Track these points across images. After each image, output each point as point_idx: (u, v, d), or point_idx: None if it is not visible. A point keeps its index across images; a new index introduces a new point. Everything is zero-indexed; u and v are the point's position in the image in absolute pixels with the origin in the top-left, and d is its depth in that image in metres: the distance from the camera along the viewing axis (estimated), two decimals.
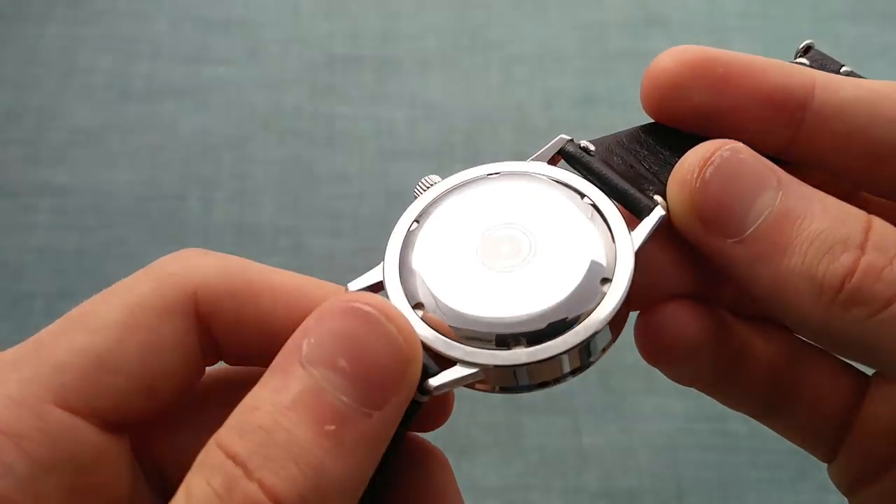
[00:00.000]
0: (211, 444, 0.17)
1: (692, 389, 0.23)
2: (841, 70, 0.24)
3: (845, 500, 0.23)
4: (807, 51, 0.24)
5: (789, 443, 0.24)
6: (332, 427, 0.17)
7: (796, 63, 0.24)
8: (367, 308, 0.18)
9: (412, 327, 0.18)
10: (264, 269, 0.21)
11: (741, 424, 0.43)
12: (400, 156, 0.53)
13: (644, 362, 0.22)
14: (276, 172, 0.52)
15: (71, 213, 0.51)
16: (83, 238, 0.50)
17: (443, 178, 0.22)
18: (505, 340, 0.19)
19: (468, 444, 0.43)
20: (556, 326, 0.19)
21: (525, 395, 0.45)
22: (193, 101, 0.55)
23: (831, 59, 0.24)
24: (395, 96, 0.55)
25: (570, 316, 0.19)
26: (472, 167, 0.22)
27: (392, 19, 0.59)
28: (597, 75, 0.57)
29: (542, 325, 0.19)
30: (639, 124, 0.23)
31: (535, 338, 0.19)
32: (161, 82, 0.55)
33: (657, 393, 0.44)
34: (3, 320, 0.47)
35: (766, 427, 0.24)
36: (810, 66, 0.24)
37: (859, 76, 0.23)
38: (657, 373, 0.47)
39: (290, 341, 0.18)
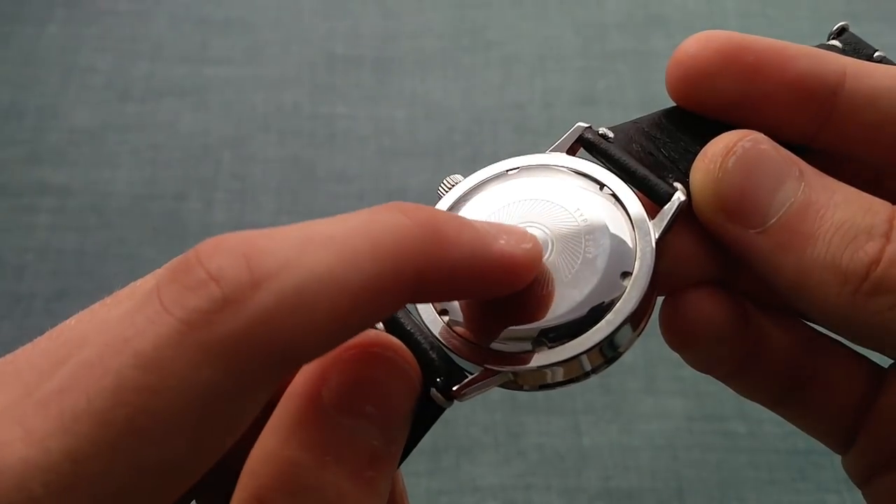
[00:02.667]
0: None
1: (692, 389, 0.23)
2: (874, 55, 0.23)
3: (845, 500, 0.23)
4: (840, 33, 0.24)
5: (789, 443, 0.24)
6: (371, 473, 0.17)
7: (829, 45, 0.24)
8: (388, 353, 0.18)
9: (412, 354, 0.19)
10: (339, 276, 0.17)
11: (741, 424, 0.43)
12: (400, 156, 0.53)
13: (644, 362, 0.22)
14: (276, 172, 0.52)
15: (71, 213, 0.51)
16: (83, 238, 0.50)
17: (465, 176, 0.22)
18: (528, 343, 0.19)
19: (468, 444, 0.43)
20: (578, 326, 0.19)
21: (525, 396, 0.45)
22: (193, 101, 0.55)
23: (865, 42, 0.24)
24: (395, 96, 0.55)
25: (591, 314, 0.19)
26: (493, 163, 0.22)
27: (392, 19, 0.59)
28: (597, 75, 0.57)
29: (563, 326, 0.19)
30: (661, 109, 0.23)
31: (556, 338, 0.19)
32: (161, 82, 0.55)
33: (657, 393, 0.44)
34: (3, 320, 0.47)
35: (765, 427, 0.24)
36: (843, 49, 0.23)
37: (892, 62, 0.23)
38: (657, 373, 0.48)
39: (301, 386, 0.18)
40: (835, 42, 0.24)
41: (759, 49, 0.21)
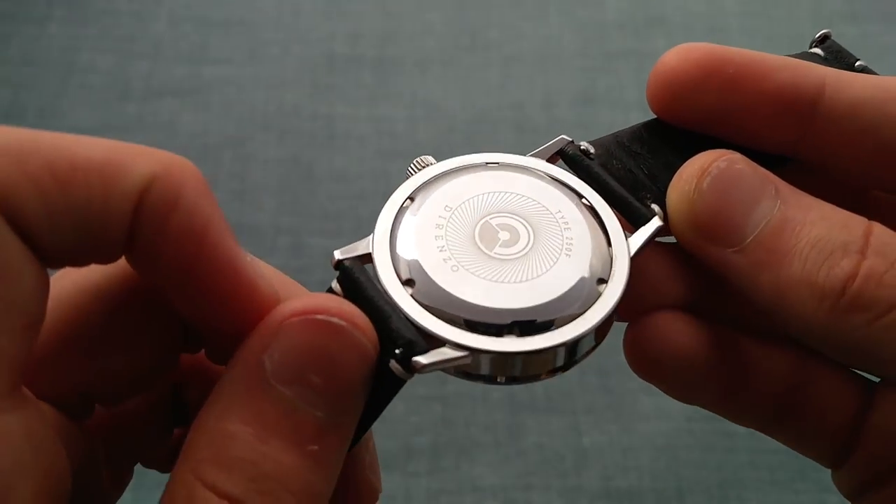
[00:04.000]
0: (196, 484, 0.16)
1: None
2: (856, 65, 0.23)
3: (845, 500, 0.23)
4: (823, 41, 0.24)
5: None
6: (315, 447, 0.17)
7: (811, 53, 0.24)
8: (336, 321, 0.17)
9: (369, 322, 0.18)
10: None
11: None
12: (400, 156, 0.53)
13: None
14: (275, 172, 0.52)
15: None
16: None
17: (438, 161, 0.22)
18: (498, 328, 0.19)
19: (468, 444, 0.43)
20: (552, 320, 0.19)
21: (525, 396, 0.45)
22: (193, 101, 0.55)
23: (847, 52, 0.24)
24: (395, 96, 0.55)
25: (567, 311, 0.19)
26: (468, 154, 0.22)
27: (392, 19, 0.59)
28: (597, 75, 0.57)
29: (538, 317, 0.19)
30: (641, 121, 0.23)
31: (528, 329, 0.19)
32: (161, 82, 0.55)
33: (657, 393, 0.44)
34: None
35: None
36: (824, 57, 0.24)
37: (873, 72, 0.23)
38: None
39: (244, 353, 0.17)
40: (817, 50, 0.24)
41: (738, 61, 0.21)
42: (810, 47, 0.24)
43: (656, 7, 0.60)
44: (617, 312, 0.20)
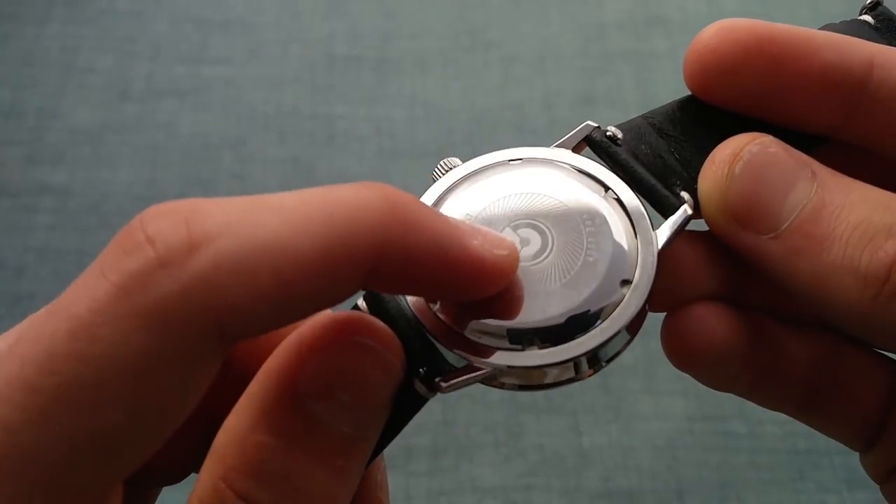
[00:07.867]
0: (227, 493, 0.16)
1: (692, 389, 0.22)
2: None
3: (845, 500, 0.23)
4: (874, 7, 0.23)
5: (789, 443, 0.24)
6: (343, 462, 0.17)
7: (861, 19, 0.23)
8: (368, 342, 0.18)
9: (398, 342, 0.18)
10: (281, 229, 0.16)
11: (741, 424, 0.43)
12: (400, 156, 0.53)
13: (644, 362, 0.21)
14: (275, 172, 0.52)
15: (70, 213, 0.51)
16: (83, 238, 0.50)
17: (463, 161, 0.22)
18: (519, 340, 0.19)
19: (468, 444, 0.43)
20: (573, 328, 0.19)
21: (525, 396, 0.45)
22: (193, 101, 0.55)
23: None
24: (395, 96, 0.55)
25: (587, 318, 0.19)
26: (493, 151, 0.22)
27: (392, 19, 0.59)
28: (597, 75, 0.57)
29: (558, 327, 0.19)
30: (675, 100, 0.22)
31: (549, 339, 0.19)
32: (161, 82, 0.55)
33: (657, 393, 0.44)
34: (2, 320, 0.47)
35: (765, 427, 0.24)
36: (875, 26, 0.23)
37: None
38: (657, 373, 0.47)
39: (276, 369, 0.17)
40: (867, 17, 0.23)
41: (782, 40, 0.21)
42: (860, 13, 0.23)
43: (656, 7, 0.60)
44: (644, 309, 0.19)
